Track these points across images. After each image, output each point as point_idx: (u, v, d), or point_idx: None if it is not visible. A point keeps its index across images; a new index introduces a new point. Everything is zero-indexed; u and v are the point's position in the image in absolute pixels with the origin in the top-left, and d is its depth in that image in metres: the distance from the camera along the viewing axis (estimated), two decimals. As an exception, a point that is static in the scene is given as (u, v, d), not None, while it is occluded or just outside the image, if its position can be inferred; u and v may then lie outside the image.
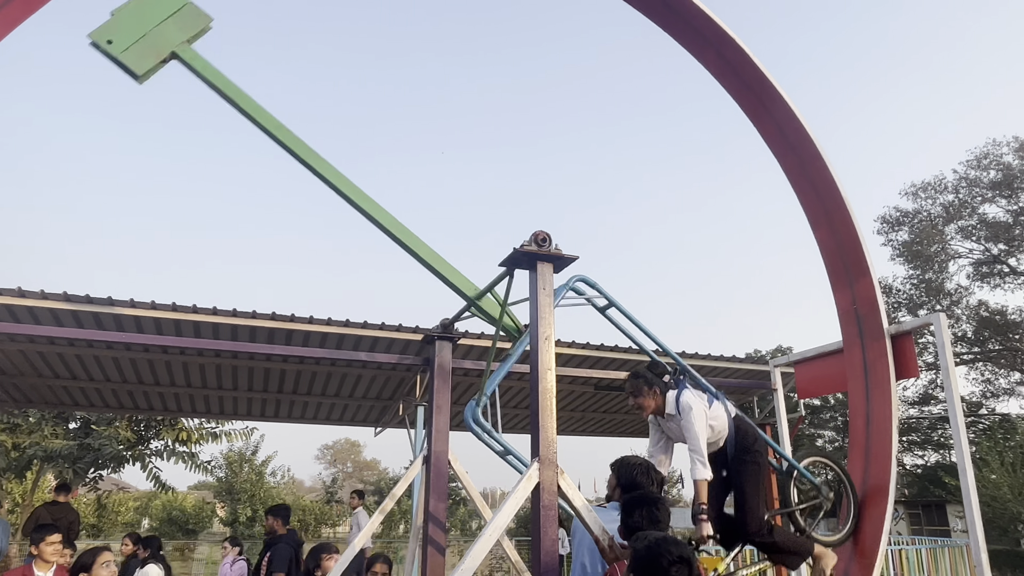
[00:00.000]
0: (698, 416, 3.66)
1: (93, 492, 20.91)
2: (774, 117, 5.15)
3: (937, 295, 29.12)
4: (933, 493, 27.82)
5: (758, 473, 3.85)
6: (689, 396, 3.75)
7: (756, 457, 3.85)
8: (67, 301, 7.67)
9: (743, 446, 3.84)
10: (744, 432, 3.88)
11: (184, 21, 3.50)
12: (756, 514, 3.77)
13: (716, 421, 3.82)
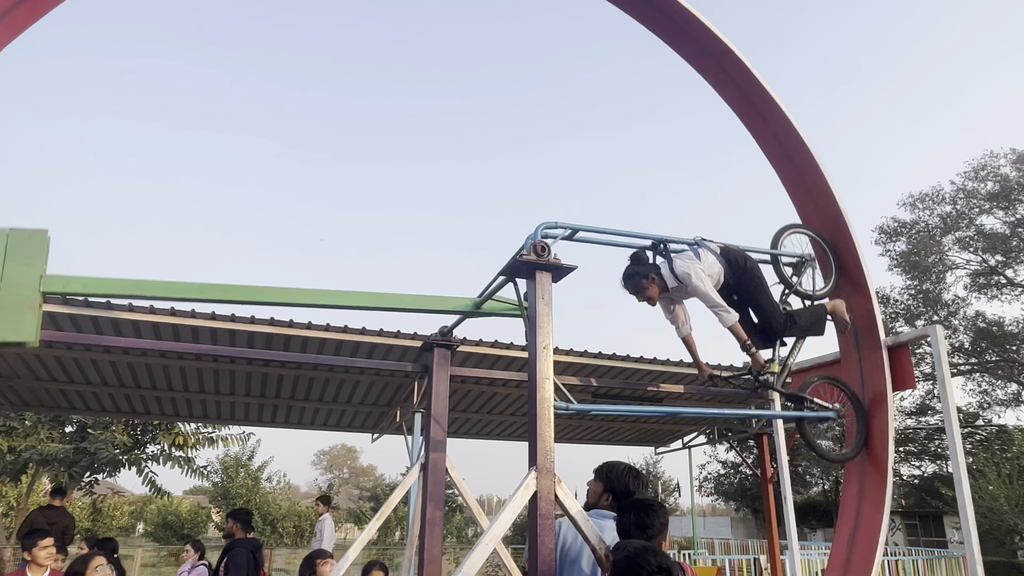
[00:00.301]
0: (698, 276, 3.93)
1: (88, 496, 20.82)
2: (772, 128, 5.17)
3: (934, 306, 29.17)
4: (930, 504, 27.78)
5: (760, 282, 4.26)
6: (681, 263, 3.98)
7: (753, 271, 4.24)
8: (66, 304, 7.67)
9: (739, 270, 4.17)
10: (734, 258, 4.19)
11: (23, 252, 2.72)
12: (776, 313, 4.25)
13: (711, 268, 4.06)
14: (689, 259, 4.02)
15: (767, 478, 11.72)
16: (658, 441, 15.49)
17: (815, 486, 36.22)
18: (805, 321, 4.41)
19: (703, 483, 38.43)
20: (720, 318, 4.00)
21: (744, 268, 4.18)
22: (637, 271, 4.02)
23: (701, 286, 3.93)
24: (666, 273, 4.02)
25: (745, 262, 4.21)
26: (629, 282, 4.04)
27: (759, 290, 4.25)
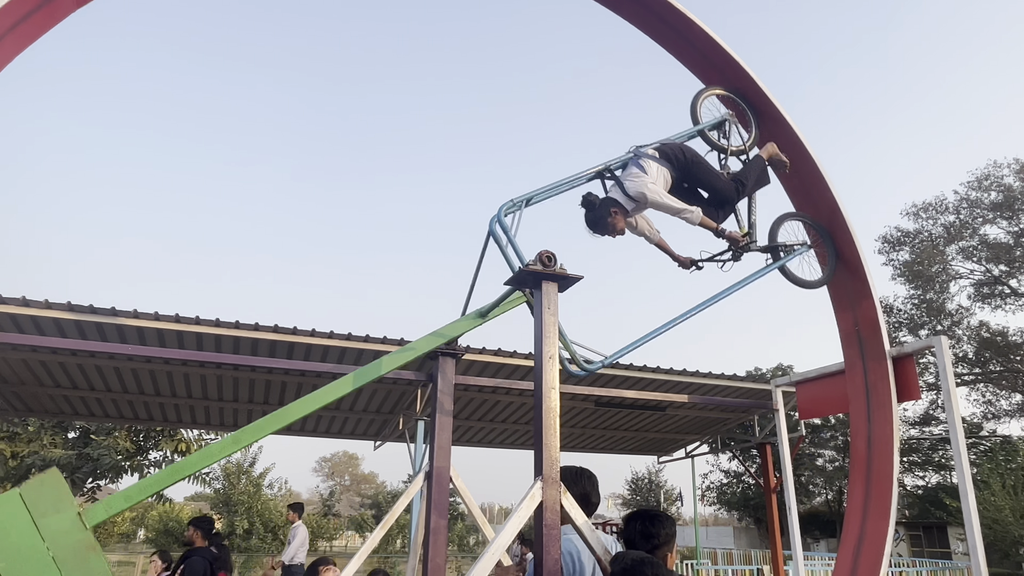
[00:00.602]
0: (652, 191, 4.07)
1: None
2: (777, 140, 5.19)
3: (938, 315, 29.09)
4: (934, 515, 27.63)
5: (703, 164, 4.45)
6: (632, 184, 4.09)
7: (693, 158, 4.39)
8: (71, 311, 7.69)
9: (681, 163, 4.32)
10: (674, 154, 4.31)
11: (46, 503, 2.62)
12: (725, 185, 4.49)
13: (659, 176, 4.18)
14: (637, 176, 4.11)
15: (770, 488, 11.67)
16: (661, 450, 15.44)
17: (818, 496, 36.05)
18: (751, 179, 4.65)
19: (706, 492, 38.29)
20: (687, 220, 4.22)
21: (685, 159, 4.34)
22: (598, 214, 4.08)
23: (659, 199, 4.08)
24: (621, 198, 4.11)
25: (683, 153, 4.35)
26: (597, 227, 4.11)
27: (704, 172, 4.44)
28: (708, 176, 4.46)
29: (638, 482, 43.32)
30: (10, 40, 3.41)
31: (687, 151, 4.40)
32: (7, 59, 3.46)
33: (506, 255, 3.60)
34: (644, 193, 4.06)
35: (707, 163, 4.52)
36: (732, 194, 4.53)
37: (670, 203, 4.12)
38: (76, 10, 3.75)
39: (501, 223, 3.63)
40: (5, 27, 3.31)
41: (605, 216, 4.08)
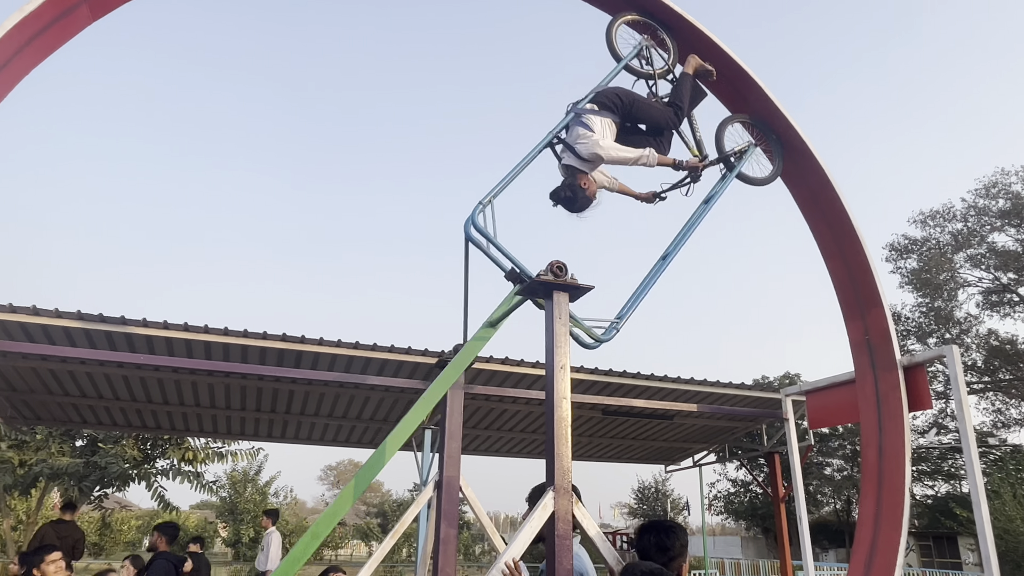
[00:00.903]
0: (604, 148, 4.10)
1: (98, 510, 20.82)
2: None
3: (946, 323, 28.95)
4: (944, 524, 27.40)
5: (639, 100, 4.51)
6: (583, 147, 4.11)
7: (628, 98, 4.43)
8: (80, 320, 7.73)
9: (620, 107, 4.35)
10: (611, 101, 4.34)
11: None
12: (663, 113, 4.59)
13: (605, 129, 4.21)
14: (586, 137, 4.13)
15: (779, 497, 11.61)
16: (668, 459, 15.38)
17: (827, 505, 35.81)
18: (685, 99, 4.74)
19: (713, 502, 38.07)
20: (644, 165, 4.27)
21: (622, 102, 4.37)
22: (570, 193, 4.11)
23: (614, 154, 4.13)
24: (577, 162, 4.13)
25: (620, 97, 4.38)
26: (578, 206, 4.16)
27: (643, 108, 4.50)
28: (647, 111, 4.52)
29: (645, 491, 43.12)
30: (27, 53, 3.45)
31: (623, 94, 4.44)
32: (24, 71, 3.50)
33: (491, 257, 3.64)
34: (597, 153, 4.09)
35: (643, 98, 4.58)
36: (673, 119, 4.62)
37: (625, 155, 4.17)
38: (92, 23, 3.80)
39: (476, 226, 3.64)
40: (23, 40, 3.36)
41: (578, 190, 4.11)
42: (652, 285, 4.05)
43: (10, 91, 3.41)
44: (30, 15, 3.35)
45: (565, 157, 4.21)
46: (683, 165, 4.55)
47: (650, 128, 4.58)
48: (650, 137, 4.53)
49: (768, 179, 5.09)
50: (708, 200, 4.62)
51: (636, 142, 4.39)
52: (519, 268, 3.53)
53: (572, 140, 4.19)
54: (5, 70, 3.30)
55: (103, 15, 3.87)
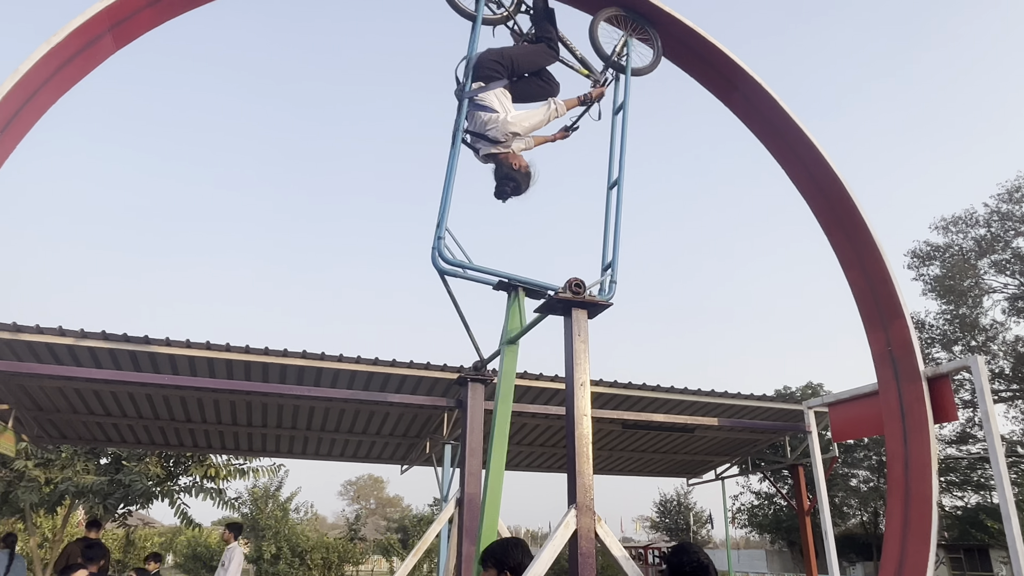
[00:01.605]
0: (514, 123, 4.08)
1: (122, 528, 20.98)
2: (802, 160, 5.18)
3: (972, 331, 28.45)
4: (975, 536, 26.80)
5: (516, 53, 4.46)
6: (494, 131, 4.07)
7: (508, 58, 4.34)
8: (105, 340, 7.86)
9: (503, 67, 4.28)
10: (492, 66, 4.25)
11: None
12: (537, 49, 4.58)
13: (502, 100, 4.18)
14: (492, 121, 4.09)
15: (804, 510, 11.44)
16: (690, 472, 15.22)
17: (853, 517, 35.17)
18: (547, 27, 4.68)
19: (736, 515, 37.54)
20: (557, 117, 4.28)
21: (502, 64, 4.31)
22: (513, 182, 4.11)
23: (525, 124, 4.12)
24: (495, 148, 4.11)
25: (497, 61, 4.31)
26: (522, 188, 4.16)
27: (521, 59, 4.43)
28: (526, 59, 4.48)
29: (667, 504, 42.67)
30: (53, 84, 3.54)
31: (498, 56, 4.37)
32: (50, 102, 3.59)
33: (472, 279, 3.66)
34: (512, 131, 4.08)
35: (518, 49, 4.58)
36: (550, 53, 4.60)
37: (538, 120, 4.17)
38: (116, 52, 3.89)
39: (443, 257, 3.62)
40: (49, 71, 3.45)
41: (515, 173, 4.10)
42: (620, 218, 4.05)
43: (37, 121, 3.50)
44: (56, 46, 3.44)
45: (481, 147, 4.17)
46: (589, 98, 4.56)
47: (535, 71, 4.56)
48: (537, 80, 4.53)
49: (654, 63, 5.05)
50: (620, 110, 4.60)
51: (527, 90, 4.42)
52: (508, 277, 3.57)
53: (480, 128, 4.13)
54: (33, 101, 3.39)
55: (126, 44, 3.97)
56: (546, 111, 4.21)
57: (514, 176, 4.11)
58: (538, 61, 4.54)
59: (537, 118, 4.18)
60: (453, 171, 3.90)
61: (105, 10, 3.66)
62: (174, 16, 4.14)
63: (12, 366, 7.49)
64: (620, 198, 4.12)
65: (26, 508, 14.75)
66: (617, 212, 4.08)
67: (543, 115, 4.19)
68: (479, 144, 4.18)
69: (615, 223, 4.06)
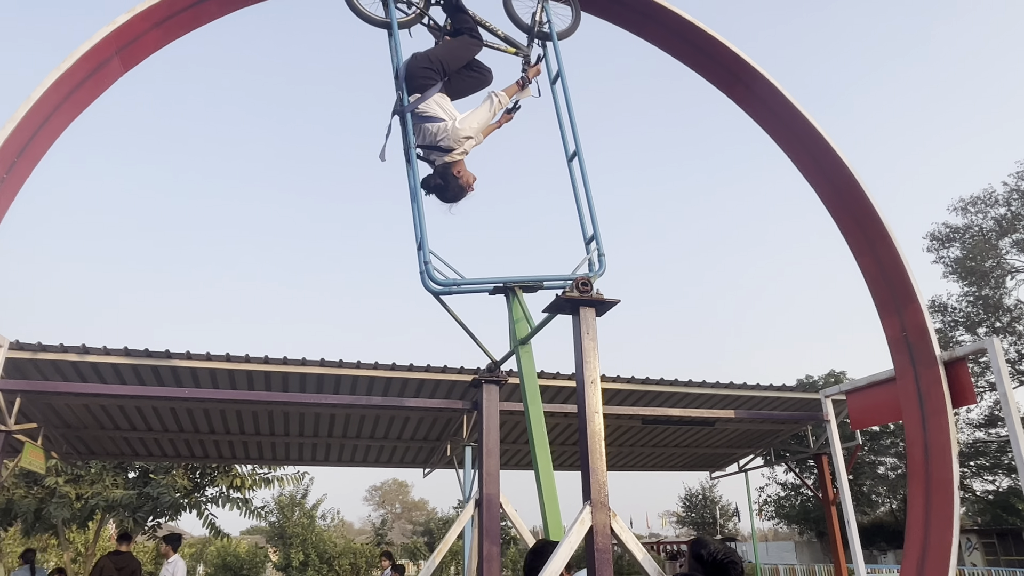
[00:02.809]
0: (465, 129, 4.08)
1: (152, 540, 21.30)
2: (809, 149, 5.16)
3: (996, 312, 28.01)
4: (1007, 520, 26.37)
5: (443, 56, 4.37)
6: (445, 140, 4.06)
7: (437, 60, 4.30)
8: (127, 356, 8.01)
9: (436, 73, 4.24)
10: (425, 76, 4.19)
11: None
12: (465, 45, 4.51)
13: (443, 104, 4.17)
14: (441, 131, 4.07)
15: (829, 500, 11.34)
16: (713, 465, 15.16)
17: (882, 505, 34.75)
18: (462, 17, 4.63)
19: (763, 507, 37.25)
20: (503, 108, 4.29)
21: (432, 68, 4.25)
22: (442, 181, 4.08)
23: (476, 126, 4.11)
24: (450, 156, 4.08)
25: (426, 68, 4.24)
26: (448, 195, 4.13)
27: (450, 57, 4.38)
28: (454, 55, 4.43)
29: (692, 498, 42.44)
30: (64, 109, 3.63)
31: (428, 61, 4.30)
32: (62, 127, 3.68)
33: (468, 291, 3.69)
34: (464, 138, 4.07)
35: (443, 49, 4.48)
36: (475, 42, 4.56)
37: (484, 118, 4.17)
38: (124, 74, 3.98)
39: (434, 280, 3.61)
40: (60, 97, 3.54)
41: (450, 178, 4.07)
42: (589, 189, 4.03)
43: (51, 146, 3.60)
44: (66, 73, 3.53)
45: (435, 158, 4.14)
46: (526, 80, 4.53)
47: (465, 64, 4.53)
48: (468, 72, 4.51)
49: (576, 19, 4.98)
50: (556, 79, 4.57)
51: (460, 85, 4.39)
52: (502, 281, 3.60)
53: (431, 140, 4.10)
54: (45, 127, 3.48)
55: (134, 66, 4.06)
56: (490, 106, 4.22)
57: (449, 180, 4.08)
58: (465, 55, 4.48)
59: (483, 115, 4.19)
60: (417, 190, 3.83)
61: (112, 34, 3.75)
62: (179, 36, 4.23)
63: (39, 385, 7.66)
64: (584, 168, 4.13)
65: (58, 524, 15.04)
66: (584, 183, 4.08)
67: (488, 111, 4.21)
68: (432, 155, 4.16)
69: (586, 194, 4.05)
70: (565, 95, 4.50)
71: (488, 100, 4.27)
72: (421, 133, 4.09)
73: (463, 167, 4.16)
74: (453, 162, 4.10)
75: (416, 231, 3.70)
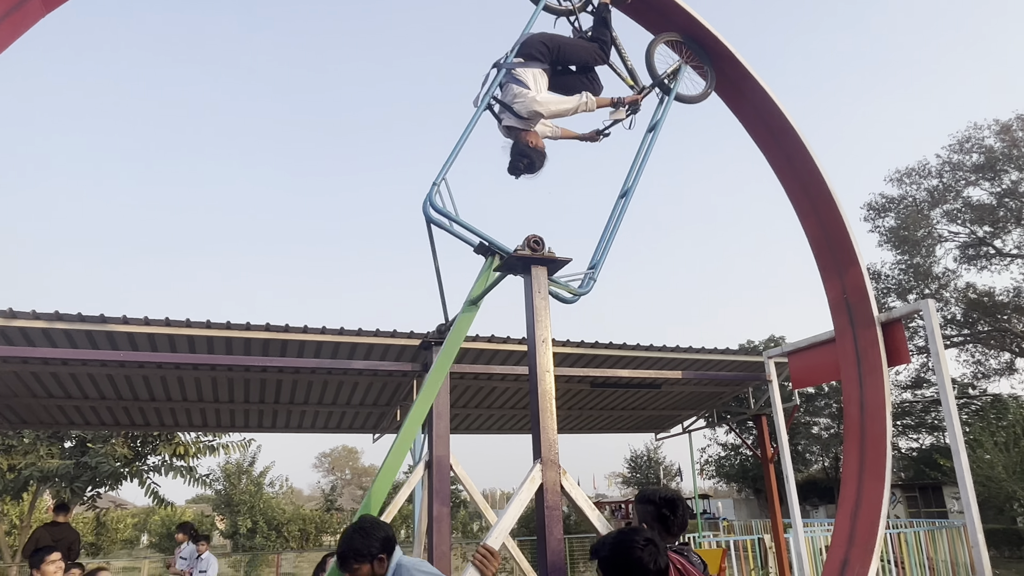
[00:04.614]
0: (542, 103, 4.09)
1: (91, 511, 20.76)
2: (757, 110, 5.21)
3: (925, 279, 29.35)
4: (929, 475, 28.05)
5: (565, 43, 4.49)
6: (520, 105, 4.09)
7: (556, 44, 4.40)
8: (59, 320, 7.63)
9: (547, 54, 4.31)
10: (537, 51, 4.28)
11: None
12: (589, 50, 4.60)
13: (539, 81, 4.19)
14: (522, 95, 4.11)
15: (768, 458, 11.81)
16: (658, 427, 15.57)
17: (815, 463, 36.52)
18: (608, 33, 4.75)
19: (704, 466, 38.68)
20: (586, 111, 4.29)
21: (548, 48, 4.36)
22: (527, 159, 4.12)
23: (552, 108, 4.13)
24: (517, 122, 4.12)
25: (544, 44, 4.35)
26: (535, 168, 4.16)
27: (569, 50, 4.48)
28: (573, 52, 4.52)
29: (637, 460, 43.69)
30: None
31: (547, 40, 4.41)
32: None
33: (456, 234, 3.64)
34: (536, 110, 4.07)
35: (568, 40, 4.61)
36: (600, 55, 4.64)
37: (565, 107, 4.20)
38: (45, 15, 3.70)
39: (434, 206, 3.62)
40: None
41: (530, 151, 4.10)
42: (619, 226, 4.12)
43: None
44: (-20, 10, 3.25)
45: (505, 118, 4.18)
46: (622, 102, 4.57)
47: (580, 67, 4.58)
48: (582, 76, 4.54)
49: (703, 95, 5.13)
50: (652, 128, 4.66)
51: (569, 84, 4.42)
52: (488, 241, 3.54)
53: (509, 100, 4.14)
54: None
55: (56, 6, 3.77)
56: (576, 101, 4.22)
57: (529, 154, 4.12)
58: (584, 57, 4.55)
59: (565, 105, 4.18)
60: (469, 131, 3.94)
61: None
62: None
63: (-38, 351, 7.25)
64: (626, 207, 4.18)
65: (-10, 496, 14.48)
66: (619, 219, 4.17)
67: (572, 104, 4.20)
68: (504, 115, 4.19)
69: (613, 228, 4.14)
70: (650, 145, 4.53)
71: (577, 96, 4.28)
72: (506, 91, 4.16)
73: (536, 137, 4.16)
74: (524, 133, 4.11)
75: (446, 161, 3.74)
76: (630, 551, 2.19)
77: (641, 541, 2.20)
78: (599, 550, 2.31)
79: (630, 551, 2.19)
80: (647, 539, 2.22)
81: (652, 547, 2.19)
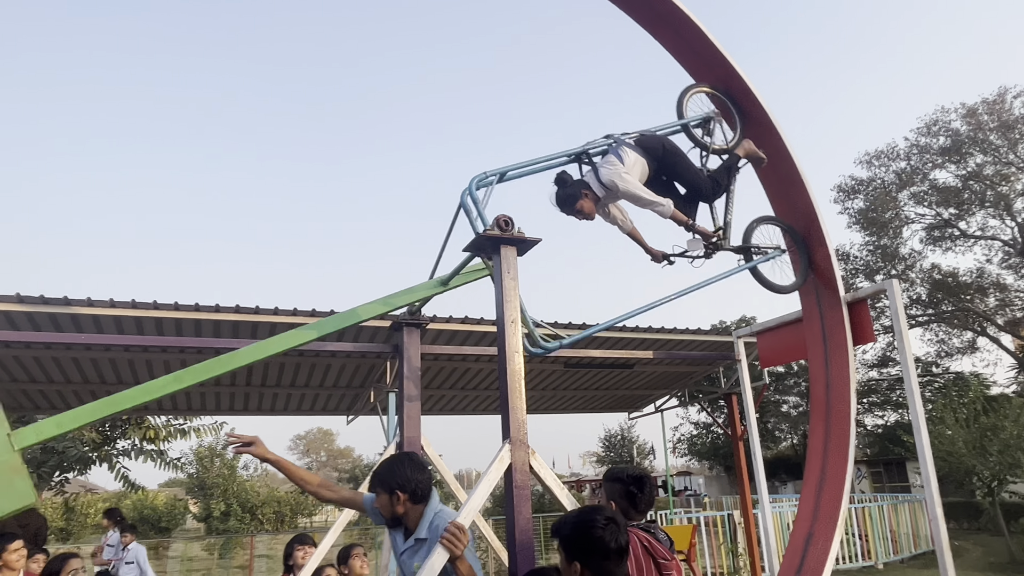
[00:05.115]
0: (624, 180, 4.05)
1: (60, 496, 20.46)
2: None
3: (892, 260, 29.94)
4: (893, 451, 28.84)
5: (681, 157, 4.47)
6: (606, 171, 4.08)
7: (672, 150, 4.41)
8: (20, 303, 7.43)
9: (659, 154, 4.31)
10: (652, 146, 4.31)
11: None
12: (702, 181, 4.55)
13: (635, 166, 4.19)
14: (612, 164, 4.10)
15: (737, 436, 12.03)
16: (631, 406, 15.74)
17: (784, 440, 37.33)
18: (728, 178, 4.77)
19: (676, 444, 39.31)
20: (658, 213, 4.24)
21: (664, 150, 4.35)
22: (568, 192, 4.08)
23: (630, 189, 4.07)
24: (594, 183, 4.11)
25: (663, 144, 4.36)
26: (565, 206, 4.12)
27: (683, 166, 4.45)
28: (687, 171, 4.46)
29: (611, 439, 44.26)
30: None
31: (667, 144, 4.39)
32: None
33: (475, 227, 3.59)
34: (615, 182, 4.02)
35: (687, 158, 4.52)
36: (708, 190, 4.57)
37: (641, 194, 4.11)
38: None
39: (472, 195, 3.58)
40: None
41: (576, 196, 4.06)
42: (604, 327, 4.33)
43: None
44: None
45: (587, 176, 4.16)
46: (696, 228, 4.49)
47: (685, 193, 4.53)
48: (680, 199, 4.47)
49: (782, 289, 5.01)
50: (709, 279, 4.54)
51: (663, 195, 4.32)
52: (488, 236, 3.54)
53: (600, 163, 4.16)
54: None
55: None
56: (654, 197, 4.15)
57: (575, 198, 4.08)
58: (692, 180, 4.49)
59: (642, 193, 4.10)
60: (549, 164, 4.06)
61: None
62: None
63: (-82, 334, 7.03)
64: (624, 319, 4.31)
65: (-48, 482, 14.16)
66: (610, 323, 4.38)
67: (649, 197, 4.12)
68: (587, 171, 4.19)
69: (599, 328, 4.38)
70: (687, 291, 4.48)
71: (661, 197, 4.23)
72: (604, 155, 4.18)
73: (591, 207, 4.11)
74: (588, 193, 4.08)
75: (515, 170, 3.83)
76: (591, 530, 2.21)
77: (602, 520, 2.22)
78: (560, 529, 2.32)
79: (591, 530, 2.21)
80: (608, 518, 2.24)
81: (613, 526, 2.21)
